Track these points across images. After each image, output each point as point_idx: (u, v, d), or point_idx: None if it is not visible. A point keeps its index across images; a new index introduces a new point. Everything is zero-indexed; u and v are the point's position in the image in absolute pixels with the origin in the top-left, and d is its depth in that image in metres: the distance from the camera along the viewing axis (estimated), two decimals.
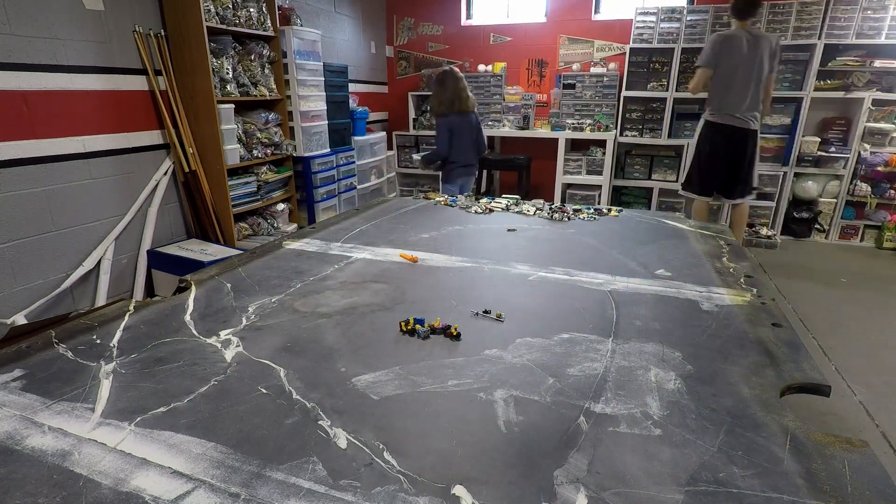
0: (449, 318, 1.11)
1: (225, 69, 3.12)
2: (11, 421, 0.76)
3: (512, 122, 5.24)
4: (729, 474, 0.66)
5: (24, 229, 2.35)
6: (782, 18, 4.22)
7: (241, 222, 3.44)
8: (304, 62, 3.79)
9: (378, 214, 2.07)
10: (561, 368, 0.92)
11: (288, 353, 0.97)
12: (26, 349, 0.97)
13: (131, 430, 0.74)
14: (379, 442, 0.72)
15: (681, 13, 4.43)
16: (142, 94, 2.86)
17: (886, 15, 4.03)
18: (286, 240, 1.69)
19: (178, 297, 1.23)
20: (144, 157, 2.91)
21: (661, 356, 0.96)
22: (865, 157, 4.21)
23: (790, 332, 1.06)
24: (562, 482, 0.65)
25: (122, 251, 2.83)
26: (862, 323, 2.87)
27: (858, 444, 0.71)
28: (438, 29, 5.54)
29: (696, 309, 1.18)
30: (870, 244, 4.41)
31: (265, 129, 3.50)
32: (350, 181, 4.53)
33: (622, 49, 4.86)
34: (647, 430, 0.75)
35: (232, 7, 3.14)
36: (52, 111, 2.41)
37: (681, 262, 1.50)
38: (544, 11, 5.19)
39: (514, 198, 2.27)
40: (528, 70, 5.37)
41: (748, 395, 0.83)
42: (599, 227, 1.92)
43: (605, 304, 1.20)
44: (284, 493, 0.62)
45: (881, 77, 4.17)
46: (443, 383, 0.87)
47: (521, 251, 1.62)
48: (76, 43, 2.49)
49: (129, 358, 0.94)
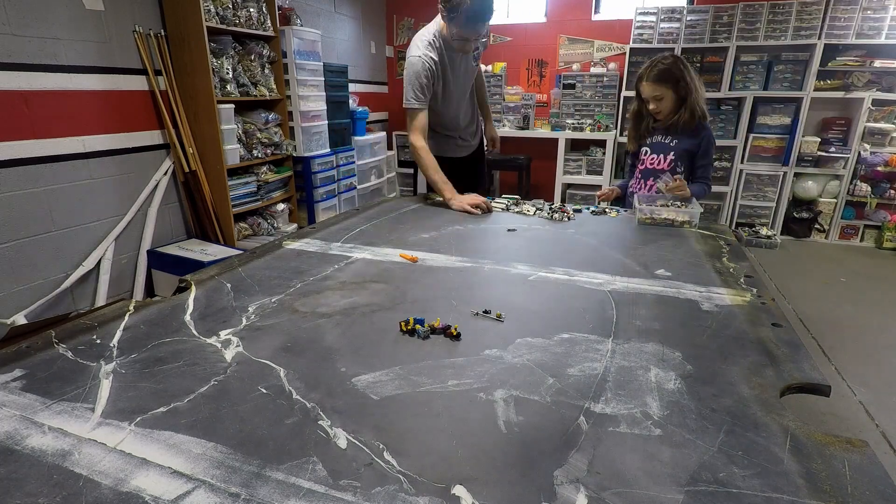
0: (449, 318, 1.11)
1: (225, 69, 3.12)
2: (11, 421, 0.76)
3: (512, 122, 5.24)
4: (729, 474, 0.66)
5: (24, 229, 2.35)
6: (782, 18, 4.22)
7: (241, 222, 3.44)
8: (304, 62, 3.79)
9: (378, 214, 2.07)
10: (561, 368, 0.92)
11: (288, 353, 0.97)
12: (26, 349, 0.97)
13: (131, 430, 0.74)
14: (379, 442, 0.72)
15: (681, 13, 4.43)
16: (142, 94, 2.86)
17: (886, 15, 4.04)
18: (286, 240, 1.69)
19: (178, 297, 1.23)
20: (144, 157, 2.91)
21: (661, 356, 0.96)
22: (865, 157, 4.21)
23: (790, 332, 1.06)
24: (562, 482, 0.65)
25: (122, 251, 2.83)
26: (862, 323, 2.87)
27: (858, 444, 0.71)
28: None
29: (696, 309, 1.18)
30: (870, 244, 4.42)
31: (265, 129, 3.50)
32: (350, 181, 4.53)
33: (622, 49, 4.86)
34: (647, 430, 0.75)
35: (232, 7, 3.14)
36: (52, 111, 2.41)
37: (681, 262, 1.50)
38: (544, 11, 5.19)
39: (514, 198, 2.27)
40: (528, 70, 5.37)
41: (748, 395, 0.83)
42: (599, 227, 1.92)
43: (605, 304, 1.20)
44: (284, 493, 0.62)
45: (881, 77, 4.17)
46: (443, 383, 0.87)
47: (521, 251, 1.62)
48: (76, 43, 2.49)
49: (129, 358, 0.94)
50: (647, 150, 2.29)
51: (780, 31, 4.25)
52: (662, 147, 2.24)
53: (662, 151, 2.24)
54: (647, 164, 2.28)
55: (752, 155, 4.52)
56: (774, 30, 4.26)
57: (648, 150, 2.28)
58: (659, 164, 2.25)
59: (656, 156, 2.25)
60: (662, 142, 2.24)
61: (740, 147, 4.51)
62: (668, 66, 2.08)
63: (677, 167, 2.22)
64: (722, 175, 4.64)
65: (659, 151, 2.25)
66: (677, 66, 2.08)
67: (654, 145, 2.27)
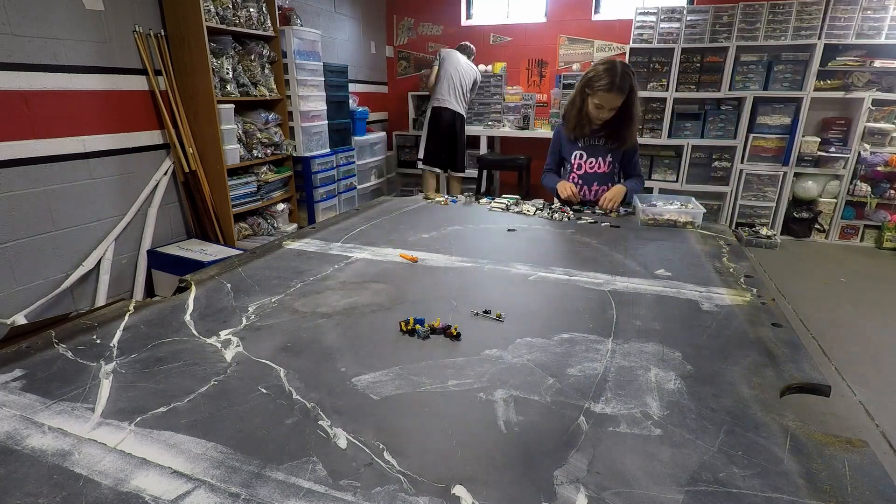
0: (449, 318, 1.11)
1: (225, 69, 3.12)
2: (11, 421, 0.76)
3: (512, 122, 5.24)
4: (729, 474, 0.66)
5: (24, 229, 2.35)
6: (782, 18, 4.22)
7: (241, 222, 3.44)
8: (304, 62, 3.79)
9: (378, 214, 2.07)
10: (561, 368, 0.92)
11: (288, 353, 0.97)
12: (26, 349, 0.97)
13: (131, 430, 0.74)
14: (379, 442, 0.72)
15: (681, 13, 4.43)
16: (142, 94, 2.86)
17: (886, 15, 4.03)
18: (286, 240, 1.70)
19: (178, 297, 1.23)
20: (144, 157, 2.91)
21: (661, 356, 0.96)
22: (865, 157, 4.21)
23: (790, 332, 1.06)
24: (562, 482, 0.65)
25: (122, 251, 2.83)
26: (862, 323, 2.87)
27: (858, 444, 0.71)
28: (438, 29, 5.54)
29: (696, 309, 1.18)
30: (870, 244, 4.42)
31: (265, 129, 3.50)
32: (350, 181, 4.53)
33: (622, 49, 4.86)
34: (647, 430, 0.75)
35: (232, 7, 3.14)
36: (52, 111, 2.41)
37: (681, 262, 1.50)
38: (544, 11, 5.19)
39: (514, 198, 2.27)
40: (528, 70, 5.37)
41: (748, 395, 0.83)
42: (599, 227, 1.92)
43: (605, 304, 1.20)
44: (284, 493, 0.62)
45: (881, 77, 4.17)
46: (443, 383, 0.87)
47: (521, 251, 1.62)
48: (76, 43, 2.49)
49: (129, 358, 0.94)
50: (581, 153, 2.24)
51: (780, 31, 4.25)
52: (598, 150, 2.22)
53: (600, 155, 2.22)
54: (587, 168, 2.25)
55: (752, 155, 4.52)
56: (774, 30, 4.26)
57: (584, 153, 2.24)
58: (600, 168, 2.23)
59: (594, 160, 2.23)
60: (597, 145, 2.22)
61: (740, 147, 4.51)
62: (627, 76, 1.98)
63: (615, 169, 2.24)
64: (722, 175, 4.64)
65: (596, 155, 2.23)
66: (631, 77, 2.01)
67: (589, 148, 2.23)
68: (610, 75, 1.97)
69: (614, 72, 1.97)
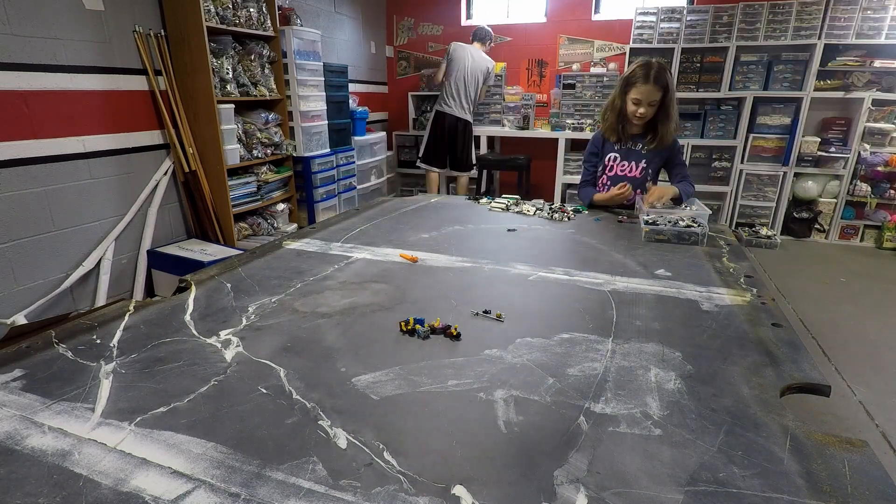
0: (449, 318, 1.11)
1: (225, 69, 3.12)
2: (11, 421, 0.76)
3: (512, 122, 5.24)
4: (729, 474, 0.66)
5: (24, 229, 2.35)
6: (782, 18, 4.22)
7: (241, 222, 3.44)
8: (304, 62, 3.79)
9: (378, 214, 2.07)
10: (561, 368, 0.92)
11: (288, 353, 0.97)
12: (26, 349, 0.97)
13: (131, 430, 0.74)
14: (379, 442, 0.72)
15: (681, 13, 4.43)
16: (142, 94, 2.86)
17: (886, 15, 4.03)
18: (286, 240, 1.70)
19: (178, 297, 1.23)
20: (144, 157, 2.91)
21: (661, 356, 0.96)
22: (865, 157, 4.21)
23: (790, 332, 1.06)
24: (562, 482, 0.65)
25: (122, 251, 2.83)
26: (862, 323, 2.87)
27: (858, 444, 0.71)
28: (438, 29, 5.54)
29: (696, 309, 1.18)
30: (870, 244, 4.42)
31: (265, 129, 3.50)
32: (350, 181, 4.53)
33: (622, 49, 4.86)
34: (647, 430, 0.75)
35: (232, 7, 3.14)
36: (52, 111, 2.41)
37: (681, 262, 1.50)
38: (544, 11, 5.19)
39: (514, 198, 2.27)
40: (528, 70, 5.37)
41: (748, 395, 0.83)
42: (599, 227, 1.92)
43: (605, 304, 1.20)
44: (284, 493, 0.63)
45: (881, 77, 4.17)
46: (443, 383, 0.87)
47: (521, 251, 1.62)
48: (76, 43, 2.49)
49: (129, 358, 0.94)
50: (615, 156, 2.22)
51: (780, 31, 4.25)
52: (633, 154, 2.19)
53: (634, 159, 2.19)
54: (618, 171, 2.22)
55: (752, 155, 4.51)
56: (774, 30, 4.26)
57: (618, 156, 2.21)
58: (631, 172, 2.20)
59: (627, 163, 2.20)
60: (633, 149, 2.19)
61: (740, 147, 4.51)
62: (663, 71, 2.02)
63: (647, 175, 2.20)
64: (722, 175, 4.64)
65: (630, 159, 2.20)
66: (668, 73, 2.03)
67: (623, 151, 2.21)
68: (646, 69, 2.03)
69: (650, 66, 2.03)
